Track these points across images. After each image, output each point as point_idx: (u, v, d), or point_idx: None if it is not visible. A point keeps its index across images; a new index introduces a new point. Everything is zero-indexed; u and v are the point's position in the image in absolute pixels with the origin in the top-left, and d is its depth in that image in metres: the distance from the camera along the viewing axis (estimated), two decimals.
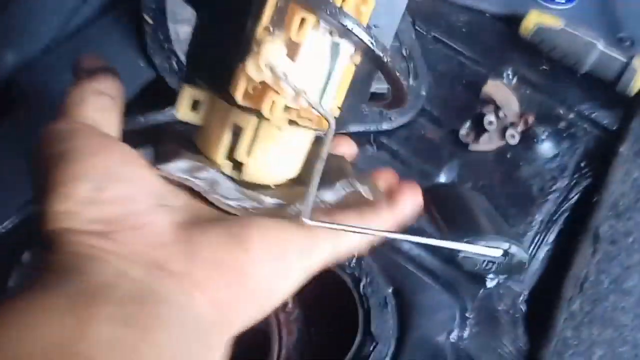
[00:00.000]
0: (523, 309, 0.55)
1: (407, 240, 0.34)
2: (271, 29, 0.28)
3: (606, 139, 0.67)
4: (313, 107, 0.29)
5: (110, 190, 0.30)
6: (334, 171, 0.37)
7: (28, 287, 0.27)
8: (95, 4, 0.58)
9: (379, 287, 0.53)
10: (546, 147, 0.66)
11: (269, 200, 0.33)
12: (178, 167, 0.32)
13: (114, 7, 0.59)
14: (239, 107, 0.31)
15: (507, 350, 0.52)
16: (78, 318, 0.26)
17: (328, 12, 0.28)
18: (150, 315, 0.28)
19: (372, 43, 0.29)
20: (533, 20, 0.73)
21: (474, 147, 0.65)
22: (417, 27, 0.74)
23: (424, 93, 0.67)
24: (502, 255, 0.34)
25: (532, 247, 0.59)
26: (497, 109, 0.66)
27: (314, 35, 0.29)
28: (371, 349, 0.49)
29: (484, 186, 0.62)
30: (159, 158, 0.33)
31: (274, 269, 0.32)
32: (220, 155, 0.33)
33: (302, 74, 0.29)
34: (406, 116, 0.65)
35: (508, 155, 0.65)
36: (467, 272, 0.34)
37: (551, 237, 0.60)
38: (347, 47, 0.31)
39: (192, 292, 0.30)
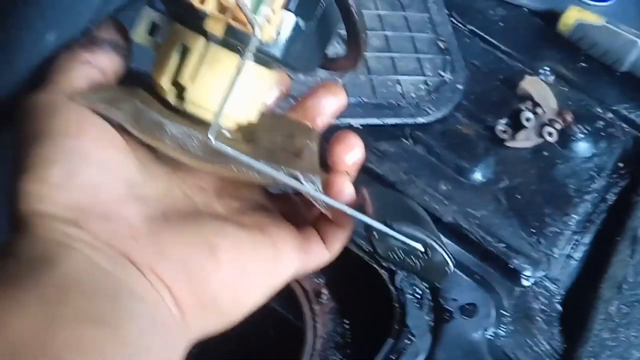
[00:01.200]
0: (559, 309, 0.54)
1: (329, 205, 0.32)
2: None
3: None
4: (239, 4, 0.28)
5: (83, 176, 0.29)
6: (290, 152, 0.35)
7: None
8: None
9: (415, 282, 0.52)
10: (584, 146, 0.65)
11: (183, 129, 0.31)
12: (98, 97, 0.31)
13: None
14: (187, 23, 0.31)
15: (544, 349, 0.51)
16: (47, 318, 0.25)
17: None
18: (118, 310, 0.27)
19: None
20: (573, 17, 0.72)
21: (510, 143, 0.63)
22: (453, 20, 0.73)
23: (460, 87, 0.66)
24: (423, 251, 0.32)
25: (568, 247, 0.58)
26: (535, 105, 0.65)
27: None
28: (407, 343, 0.48)
29: (520, 184, 0.61)
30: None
31: (239, 282, 0.32)
32: (165, 77, 0.32)
33: None
34: (443, 110, 0.64)
35: (545, 153, 0.64)
36: (380, 257, 0.32)
37: (588, 237, 0.59)
38: None
39: (159, 289, 0.29)
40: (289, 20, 0.31)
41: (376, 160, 0.59)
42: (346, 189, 0.34)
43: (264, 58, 0.32)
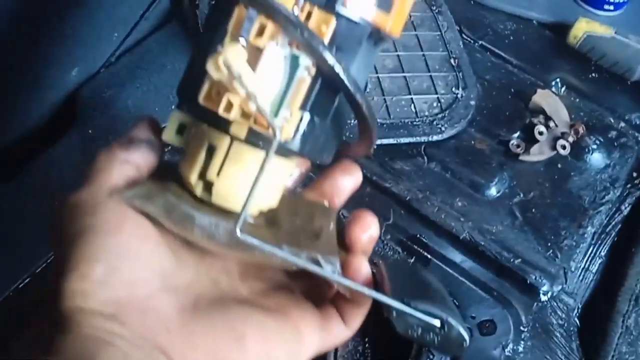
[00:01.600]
0: (577, 323, 0.55)
1: (348, 286, 0.34)
2: (239, 38, 0.30)
3: None
4: (260, 111, 0.30)
5: (122, 272, 0.31)
6: (310, 233, 0.37)
7: None
8: (153, 20, 0.59)
9: None
10: (597, 158, 0.65)
11: (210, 220, 0.34)
12: (133, 194, 0.33)
13: (170, 21, 0.60)
14: (213, 125, 0.33)
15: None
16: None
17: (287, 22, 0.29)
18: None
19: (326, 54, 0.30)
20: (582, 29, 0.73)
21: (524, 157, 0.64)
22: (464, 36, 0.74)
23: (473, 103, 0.67)
24: (440, 326, 0.33)
25: (585, 260, 0.59)
26: (547, 118, 0.66)
27: (273, 45, 0.31)
28: None
29: (534, 197, 0.62)
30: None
31: None
32: (193, 173, 0.34)
33: (260, 80, 0.30)
34: (456, 127, 0.65)
35: (559, 166, 0.64)
36: (400, 335, 0.34)
37: (604, 249, 0.60)
38: (305, 61, 0.31)
39: None
40: (306, 119, 0.33)
41: (392, 179, 0.61)
42: (363, 269, 0.36)
43: (283, 152, 0.34)
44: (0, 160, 0.56)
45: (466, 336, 0.34)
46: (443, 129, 0.64)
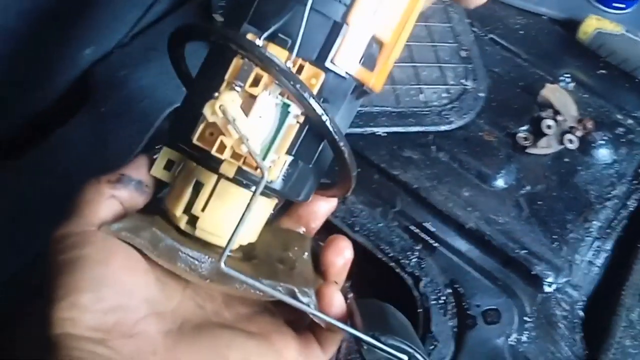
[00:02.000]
0: (581, 315, 0.55)
1: (323, 320, 0.36)
2: (235, 85, 0.33)
3: None
4: (251, 153, 0.32)
5: (109, 300, 0.33)
6: (286, 265, 0.38)
7: None
8: (167, 2, 0.59)
9: (439, 287, 0.53)
10: (604, 153, 0.66)
11: (193, 254, 0.35)
12: (121, 226, 0.35)
13: (184, 4, 0.61)
14: (202, 163, 0.35)
15: (566, 356, 0.52)
16: None
17: (281, 74, 0.32)
18: None
19: (315, 105, 0.32)
20: (592, 25, 0.73)
21: (531, 150, 0.64)
22: (475, 29, 0.74)
23: (482, 95, 0.67)
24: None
25: (590, 254, 0.59)
26: (555, 113, 0.66)
27: (266, 94, 0.33)
28: (431, 348, 0.50)
29: (541, 190, 0.62)
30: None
31: None
32: (179, 207, 0.36)
33: (252, 125, 0.33)
34: (465, 118, 0.65)
35: (566, 160, 0.65)
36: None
37: (609, 244, 0.60)
38: (295, 109, 0.34)
39: None
40: (290, 162, 0.35)
41: (400, 167, 0.61)
42: (336, 299, 0.37)
43: (268, 191, 0.36)
44: (12, 137, 0.57)
45: None
46: (452, 119, 0.64)
